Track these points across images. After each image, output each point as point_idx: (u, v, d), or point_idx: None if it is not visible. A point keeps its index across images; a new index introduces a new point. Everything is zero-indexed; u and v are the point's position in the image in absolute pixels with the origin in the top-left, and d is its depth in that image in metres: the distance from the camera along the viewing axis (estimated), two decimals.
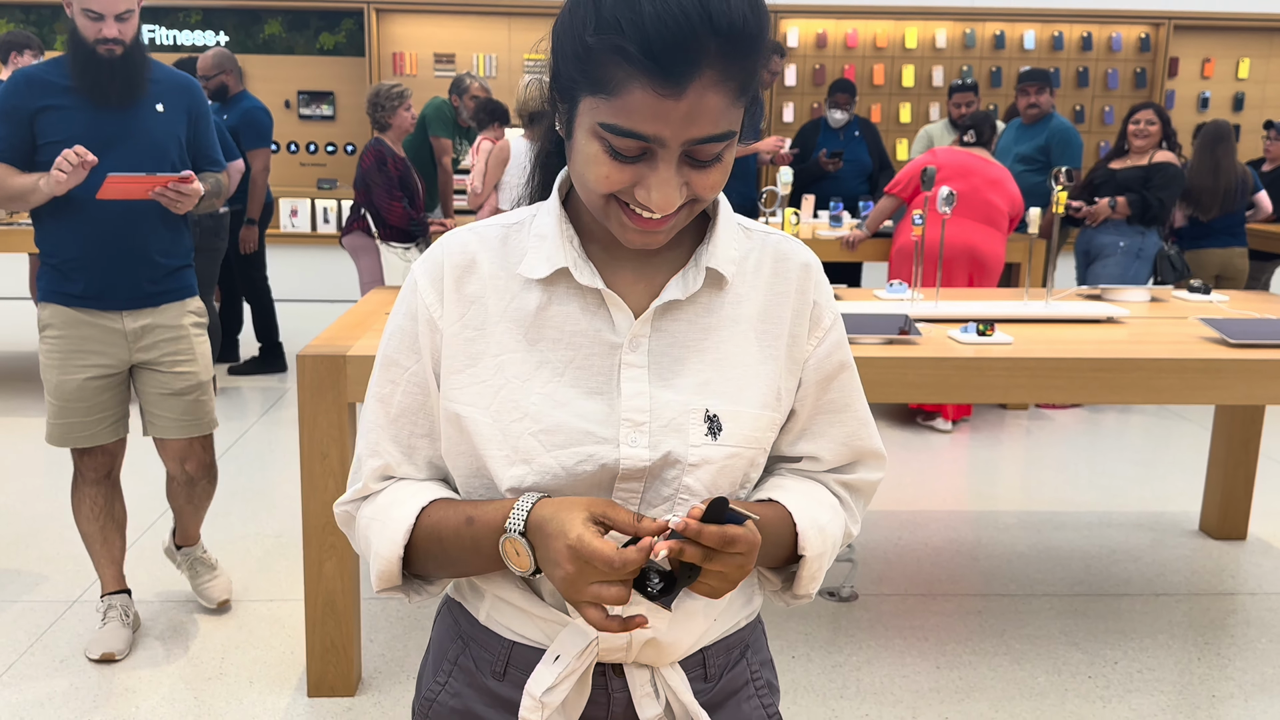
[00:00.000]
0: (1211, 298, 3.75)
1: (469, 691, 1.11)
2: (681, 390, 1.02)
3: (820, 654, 2.99)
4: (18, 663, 2.84)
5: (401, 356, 1.07)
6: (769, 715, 1.18)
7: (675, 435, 1.01)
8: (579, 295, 1.03)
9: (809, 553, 1.06)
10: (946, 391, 2.76)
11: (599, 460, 1.00)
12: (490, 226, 1.08)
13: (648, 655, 1.06)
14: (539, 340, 1.03)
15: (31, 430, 4.92)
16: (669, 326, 1.04)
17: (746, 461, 1.05)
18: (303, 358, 2.59)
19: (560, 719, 1.07)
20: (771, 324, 1.07)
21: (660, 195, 0.93)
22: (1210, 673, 2.94)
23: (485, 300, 1.04)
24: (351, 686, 2.73)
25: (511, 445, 1.01)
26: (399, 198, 5.15)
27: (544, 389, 1.01)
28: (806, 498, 1.09)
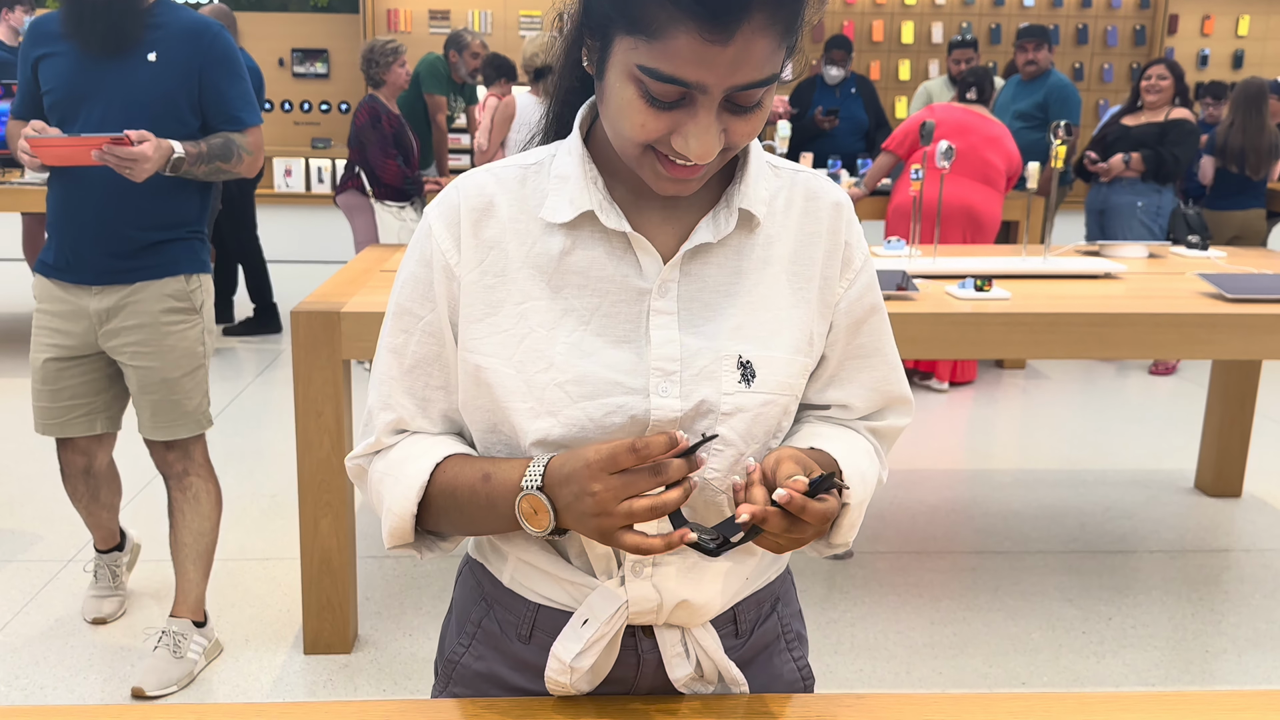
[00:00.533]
0: (1209, 253, 3.73)
1: (493, 655, 1.09)
2: (713, 336, 0.98)
3: (815, 610, 2.99)
4: (12, 622, 2.84)
5: (415, 305, 1.02)
6: (799, 668, 1.16)
7: (708, 383, 0.97)
8: (604, 239, 0.99)
9: (852, 500, 1.03)
10: (944, 347, 2.75)
11: (628, 412, 0.96)
12: (508, 167, 1.03)
13: (679, 616, 1.04)
14: (563, 287, 0.98)
15: (22, 391, 4.91)
16: (699, 271, 1.00)
17: (780, 409, 1.01)
18: (296, 314, 2.57)
19: (587, 680, 1.05)
20: (803, 265, 1.03)
21: (699, 144, 0.89)
22: (1204, 628, 2.95)
23: (505, 245, 1.00)
24: (348, 644, 2.73)
25: (536, 397, 0.97)
26: (393, 155, 5.10)
27: (569, 338, 0.97)
28: (847, 445, 1.06)
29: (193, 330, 2.54)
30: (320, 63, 8.47)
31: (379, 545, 3.36)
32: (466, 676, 1.11)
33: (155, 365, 2.50)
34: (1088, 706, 1.08)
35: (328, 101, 8.54)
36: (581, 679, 1.04)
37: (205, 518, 2.65)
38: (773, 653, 1.13)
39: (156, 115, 2.39)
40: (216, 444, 4.19)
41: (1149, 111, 5.35)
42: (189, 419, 2.57)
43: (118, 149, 2.25)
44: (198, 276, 2.56)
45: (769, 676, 1.13)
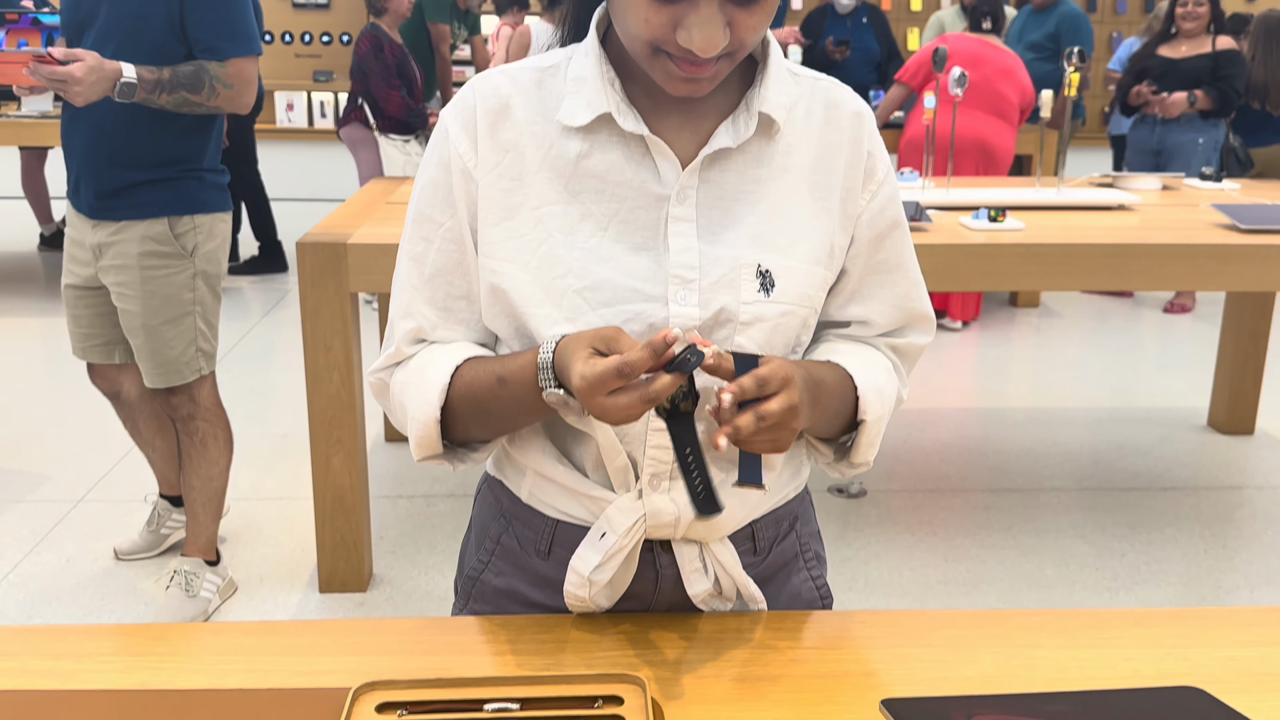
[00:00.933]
0: (1223, 185, 3.68)
1: (513, 570, 1.09)
2: (732, 245, 0.96)
3: (829, 548, 2.96)
4: (24, 562, 2.84)
5: (435, 211, 1.00)
6: (818, 587, 1.15)
7: (727, 292, 0.95)
8: (622, 143, 0.97)
9: (869, 416, 1.01)
10: (959, 279, 2.71)
11: (646, 319, 0.94)
12: (523, 70, 1.00)
13: (696, 531, 1.02)
14: (581, 192, 0.96)
15: (31, 331, 4.89)
16: (717, 177, 0.98)
17: (799, 321, 0.99)
18: (302, 245, 2.53)
19: (607, 593, 1.04)
20: (824, 175, 1.01)
21: (702, 36, 0.86)
22: (1216, 565, 2.94)
23: (522, 148, 0.97)
24: (363, 582, 2.73)
25: (554, 303, 0.95)
26: (397, 86, 5.02)
27: (587, 243, 0.95)
28: (863, 361, 1.04)
29: (178, 276, 2.40)
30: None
31: (393, 484, 3.35)
32: (486, 593, 1.11)
33: (134, 310, 2.39)
34: (1101, 622, 1.07)
35: (329, 33, 8.39)
36: (600, 594, 1.03)
37: (213, 462, 2.58)
38: (791, 571, 1.12)
39: (133, 39, 2.25)
40: (225, 384, 4.17)
41: (1188, 42, 5.19)
42: (170, 368, 2.44)
43: (43, 68, 2.11)
44: (190, 219, 2.41)
45: (787, 595, 1.12)
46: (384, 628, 1.04)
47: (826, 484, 3.38)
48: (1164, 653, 1.02)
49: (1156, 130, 5.25)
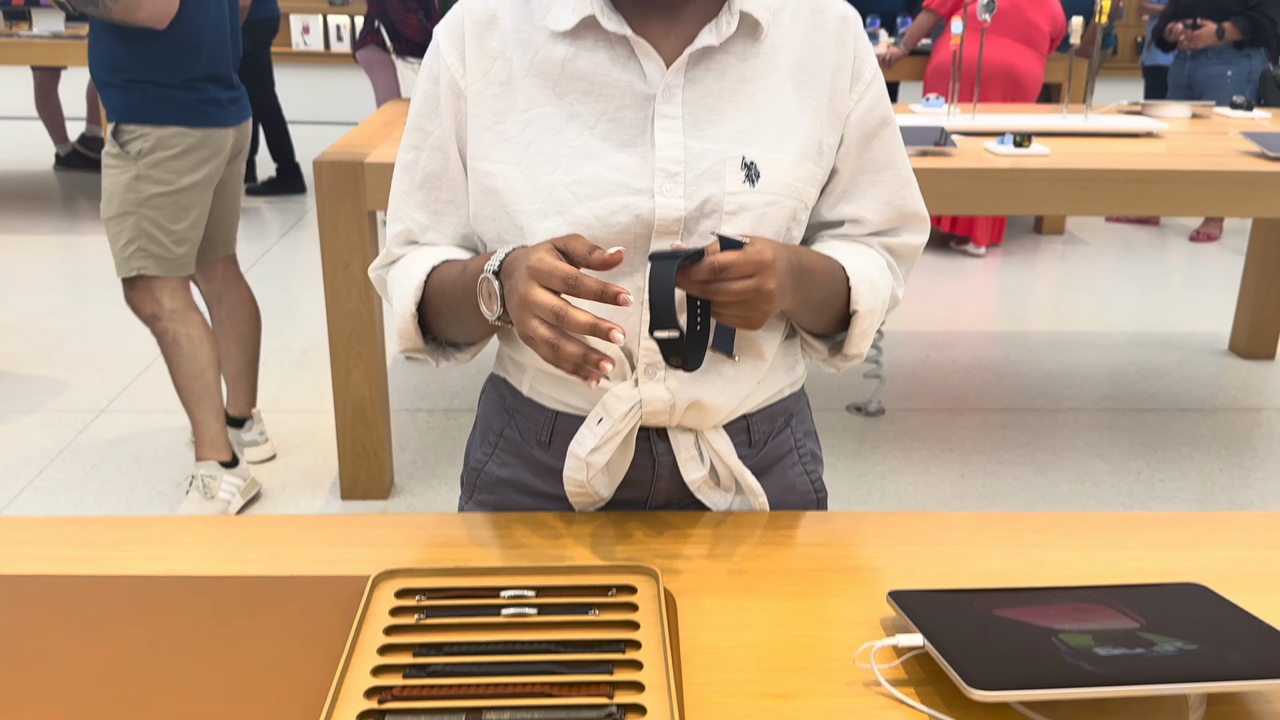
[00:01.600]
0: (1254, 114, 3.61)
1: (516, 461, 1.12)
2: (717, 140, 0.99)
3: (846, 464, 3.01)
4: (48, 468, 2.90)
5: (425, 121, 1.05)
6: (812, 481, 1.18)
7: (712, 183, 0.98)
8: (607, 45, 0.99)
9: (861, 307, 1.04)
10: (981, 203, 2.69)
11: (633, 211, 0.97)
12: None
13: (691, 418, 1.05)
14: (568, 93, 0.99)
15: (49, 248, 4.92)
16: (702, 76, 1.00)
17: (787, 212, 1.01)
18: (319, 164, 2.53)
19: (605, 480, 1.07)
20: (810, 74, 1.03)
21: None
22: (1231, 482, 2.95)
23: (509, 55, 1.01)
24: (384, 490, 2.78)
25: (544, 198, 0.98)
26: (413, 9, 4.96)
27: (575, 141, 0.98)
28: (857, 255, 1.06)
29: (121, 176, 2.50)
30: None
31: (412, 398, 3.38)
32: (490, 483, 1.15)
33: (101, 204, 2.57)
34: (1109, 524, 1.09)
35: None
36: (598, 478, 1.06)
37: (190, 359, 2.60)
38: (786, 465, 1.15)
39: None
40: None
41: None
42: (117, 261, 2.55)
43: None
44: (136, 127, 2.48)
45: (782, 487, 1.15)
46: (402, 522, 1.06)
47: (845, 402, 3.39)
48: (1170, 553, 1.04)
49: (1187, 65, 5.14)
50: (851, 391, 3.48)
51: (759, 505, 1.11)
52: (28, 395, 3.34)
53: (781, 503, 1.15)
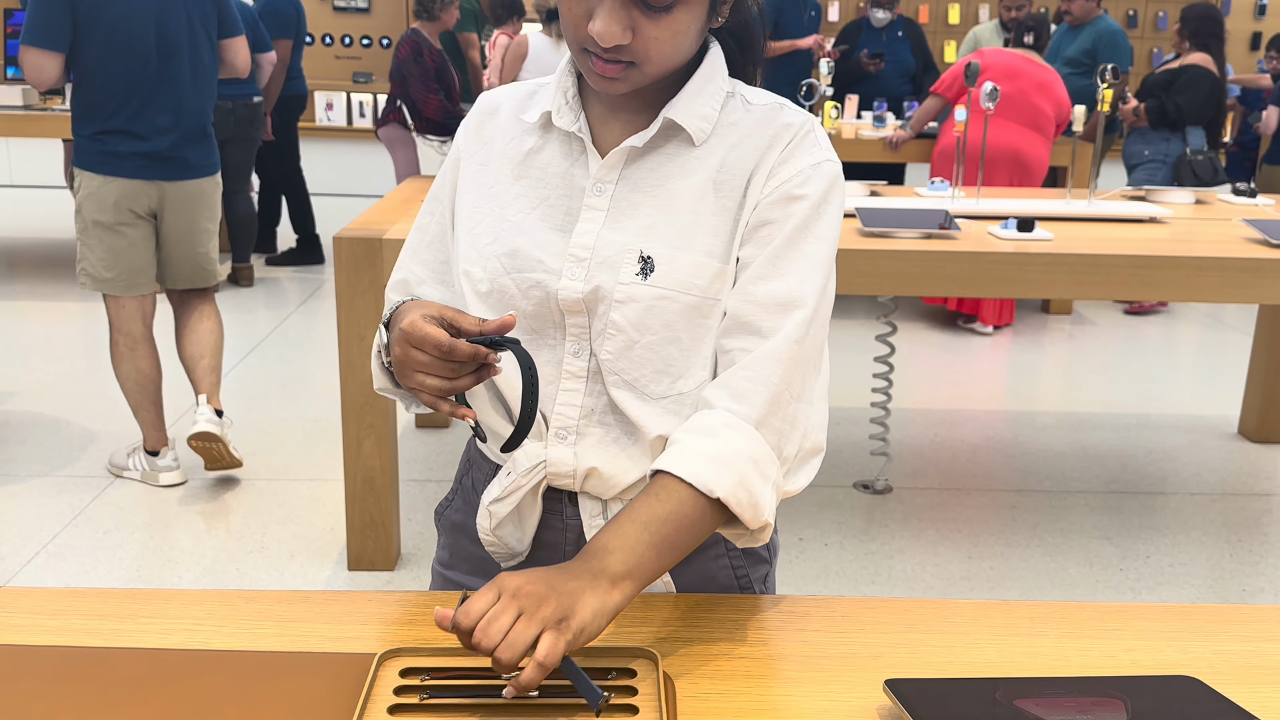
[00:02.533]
0: (1257, 201, 3.66)
1: (466, 508, 1.22)
2: (627, 232, 1.06)
3: (853, 542, 3.01)
4: (62, 533, 2.92)
5: (439, 190, 1.19)
6: (739, 578, 1.17)
7: (607, 272, 1.05)
8: (565, 141, 1.11)
9: (721, 492, 0.96)
10: (985, 286, 2.73)
11: (544, 287, 1.06)
12: (526, 84, 1.18)
13: (594, 485, 1.10)
14: (524, 177, 1.11)
15: (71, 313, 5.00)
16: (633, 174, 1.08)
17: (683, 307, 1.03)
18: (339, 240, 2.60)
19: (518, 534, 1.14)
20: (729, 175, 1.05)
21: (602, 24, 0.96)
22: (1241, 568, 2.94)
23: (495, 141, 1.14)
24: (391, 561, 2.79)
25: (481, 264, 1.09)
26: (435, 90, 5.09)
27: (515, 218, 1.09)
28: (685, 443, 0.99)
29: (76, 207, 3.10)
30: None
31: (422, 468, 3.41)
32: (447, 527, 1.26)
33: None
34: (1105, 614, 1.10)
35: (369, 36, 8.50)
36: (507, 530, 1.14)
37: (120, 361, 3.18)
38: (708, 557, 1.15)
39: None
40: (259, 369, 4.26)
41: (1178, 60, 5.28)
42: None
43: None
44: (77, 169, 3.06)
45: (699, 577, 1.14)
46: (409, 600, 1.09)
47: (852, 479, 3.40)
48: (1164, 644, 1.05)
49: (1125, 142, 5.38)
50: (859, 469, 3.50)
51: (663, 587, 1.12)
52: (45, 460, 3.38)
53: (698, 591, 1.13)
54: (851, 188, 3.45)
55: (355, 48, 8.52)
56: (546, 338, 1.08)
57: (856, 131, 5.64)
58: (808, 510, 3.19)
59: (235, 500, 3.16)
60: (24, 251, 6.21)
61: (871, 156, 5.45)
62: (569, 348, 1.07)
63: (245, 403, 3.92)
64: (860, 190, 3.46)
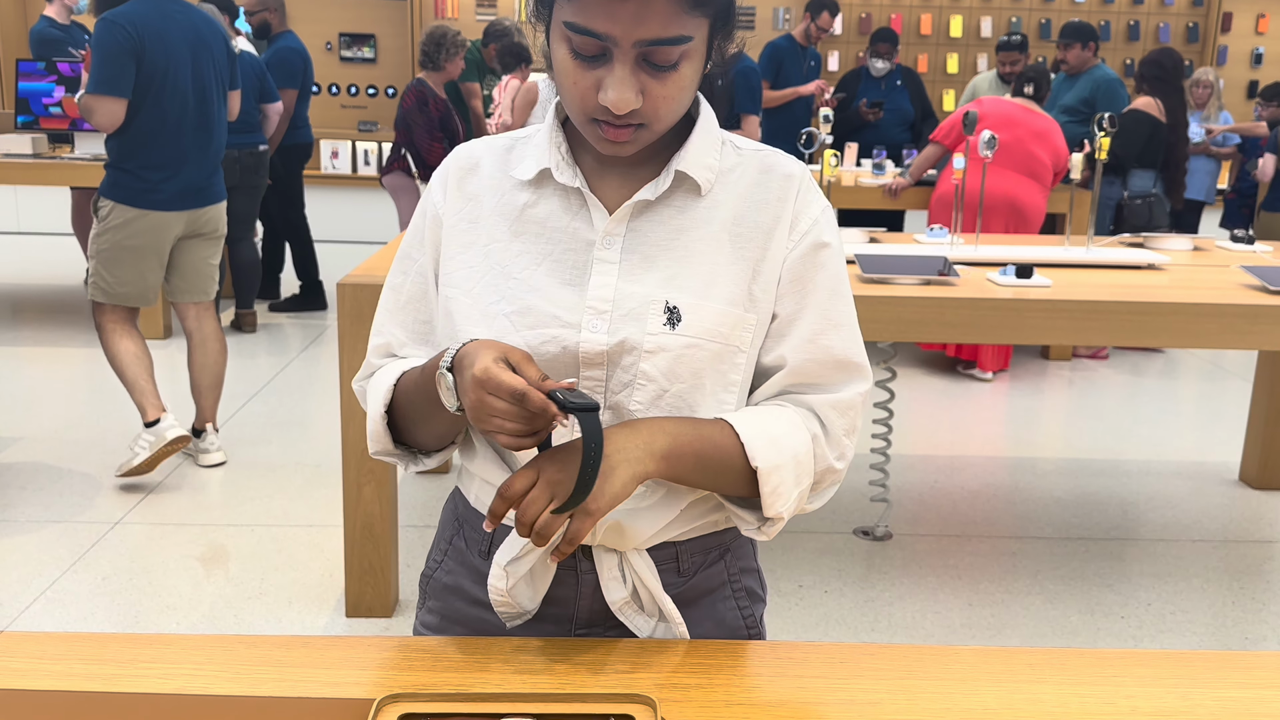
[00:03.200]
0: (1255, 248, 3.69)
1: (460, 569, 1.20)
2: (647, 284, 1.07)
3: (853, 589, 3.00)
4: (61, 579, 2.92)
5: (413, 249, 1.17)
6: (745, 619, 1.20)
7: (634, 323, 1.06)
8: (563, 196, 1.11)
9: (761, 464, 1.04)
10: (984, 332, 2.74)
11: (561, 342, 1.06)
12: (501, 138, 1.18)
13: (611, 539, 1.10)
14: (523, 233, 1.10)
15: (75, 360, 5.02)
16: (642, 227, 1.09)
17: (710, 354, 1.07)
18: (343, 286, 2.62)
19: (529, 593, 1.12)
20: (747, 228, 1.10)
21: (615, 94, 0.98)
22: (1244, 616, 2.93)
23: (482, 198, 1.13)
24: (389, 608, 2.78)
25: (487, 324, 1.08)
26: (439, 139, 5.15)
27: (520, 275, 1.09)
28: (759, 414, 1.08)
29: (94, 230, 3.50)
30: (368, 47, 8.54)
31: (421, 514, 3.41)
32: (438, 590, 1.22)
33: None
34: (1104, 661, 1.10)
35: (375, 85, 8.61)
36: (520, 590, 1.11)
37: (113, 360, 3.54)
38: (717, 599, 1.18)
39: None
40: (262, 415, 4.27)
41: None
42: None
43: None
44: (103, 199, 3.47)
45: (712, 621, 1.18)
46: (408, 645, 1.09)
47: (852, 526, 3.40)
48: (1164, 691, 1.05)
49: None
50: (859, 515, 3.49)
51: (679, 634, 1.13)
52: (46, 505, 3.38)
53: (710, 636, 1.16)
54: (851, 234, 3.48)
55: (361, 97, 8.62)
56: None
57: (856, 179, 5.70)
58: (807, 556, 3.19)
59: (234, 546, 3.15)
60: (30, 298, 6.24)
61: (871, 203, 5.50)
62: None
63: (246, 448, 3.92)
64: (860, 237, 3.49)
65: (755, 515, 1.10)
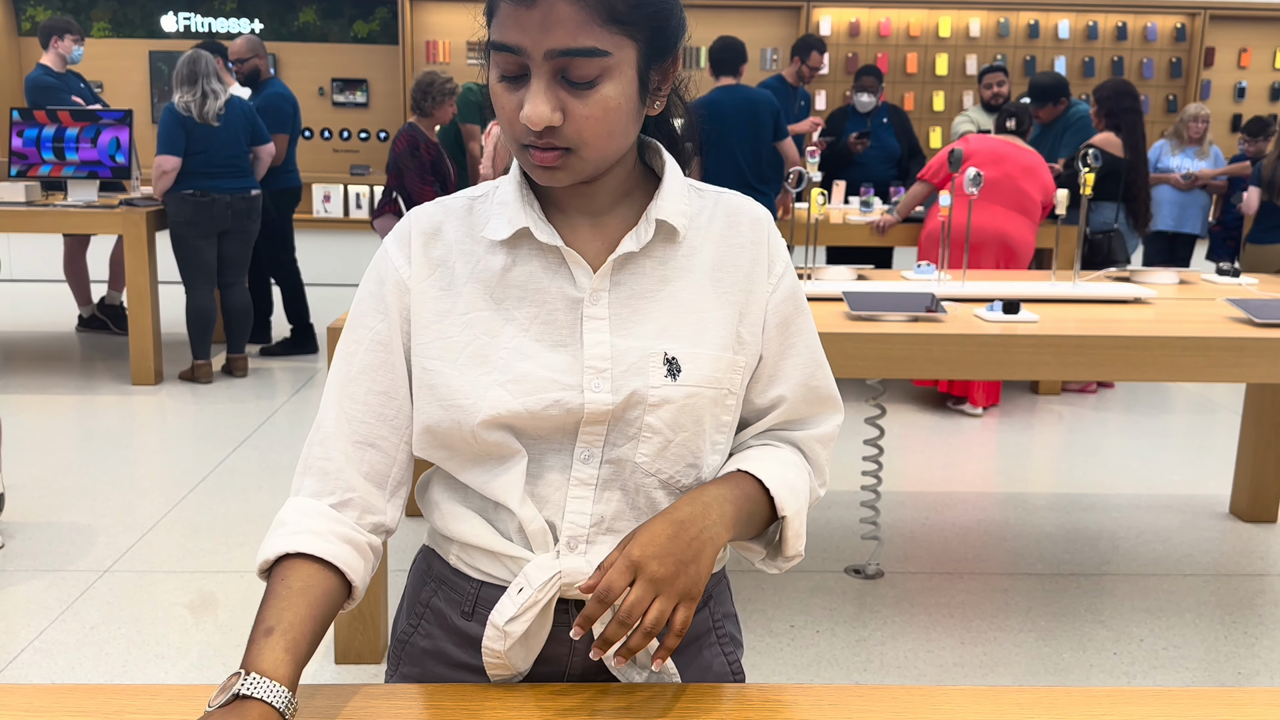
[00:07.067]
0: (1240, 280, 3.72)
1: (439, 632, 1.16)
2: (641, 337, 1.07)
3: (844, 629, 2.99)
4: (49, 629, 2.90)
5: (367, 318, 1.11)
6: (730, 664, 1.22)
7: (636, 377, 1.06)
8: (541, 254, 1.09)
9: (788, 511, 1.11)
10: (971, 368, 2.76)
11: (565, 405, 1.05)
12: (457, 199, 1.14)
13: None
14: (504, 299, 1.08)
15: (65, 407, 5.01)
16: (626, 280, 1.09)
17: (709, 400, 1.09)
18: (334, 330, 2.63)
19: (522, 653, 1.11)
20: (727, 272, 1.12)
21: (530, 107, 0.97)
22: (1237, 650, 2.92)
23: (451, 264, 1.09)
24: (378, 654, 2.76)
25: (480, 395, 1.05)
26: (430, 182, 5.18)
27: (510, 343, 1.06)
28: (772, 461, 1.13)
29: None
30: (360, 92, 8.62)
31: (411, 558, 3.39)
32: (414, 654, 1.18)
33: None
34: (1093, 700, 1.10)
35: (367, 130, 8.68)
36: (515, 651, 1.09)
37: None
38: (702, 646, 1.19)
39: None
40: (250, 460, 4.26)
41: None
42: None
43: None
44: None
45: (699, 668, 1.18)
46: (396, 692, 1.09)
47: (843, 564, 3.39)
48: None
49: None
50: (850, 553, 3.49)
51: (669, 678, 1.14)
52: (33, 555, 3.36)
53: (698, 682, 1.16)
54: (839, 272, 3.50)
55: (354, 141, 8.69)
56: (553, 444, 1.07)
57: (844, 216, 5.74)
58: (799, 596, 3.18)
59: (223, 593, 3.14)
60: (20, 345, 6.24)
61: (859, 240, 5.54)
62: (578, 454, 1.07)
63: (236, 494, 3.91)
64: (847, 274, 3.52)
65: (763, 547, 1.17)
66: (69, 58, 5.97)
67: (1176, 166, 6.57)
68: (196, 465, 4.20)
